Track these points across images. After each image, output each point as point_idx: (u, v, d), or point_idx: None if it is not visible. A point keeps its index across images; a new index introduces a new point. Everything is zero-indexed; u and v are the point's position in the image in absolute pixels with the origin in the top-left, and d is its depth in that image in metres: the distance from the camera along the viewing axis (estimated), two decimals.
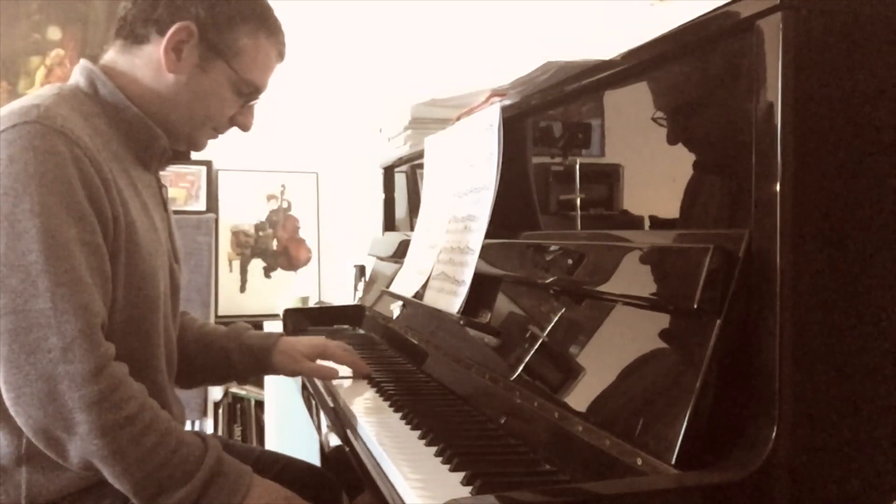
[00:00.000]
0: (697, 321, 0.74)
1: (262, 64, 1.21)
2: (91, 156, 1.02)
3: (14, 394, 0.95)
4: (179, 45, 1.14)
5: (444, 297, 1.33)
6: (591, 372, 0.88)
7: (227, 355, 1.40)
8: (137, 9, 1.15)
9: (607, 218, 1.10)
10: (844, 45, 0.72)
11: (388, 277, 1.82)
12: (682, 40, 0.86)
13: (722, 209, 0.84)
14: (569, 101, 1.19)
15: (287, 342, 1.43)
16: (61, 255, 0.96)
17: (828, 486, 0.70)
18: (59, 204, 0.97)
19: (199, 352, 1.40)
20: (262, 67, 1.22)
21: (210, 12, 1.15)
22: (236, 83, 1.19)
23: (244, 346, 1.41)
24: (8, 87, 2.90)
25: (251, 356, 1.40)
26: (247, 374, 1.44)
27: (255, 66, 1.20)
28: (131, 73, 1.16)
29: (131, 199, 1.10)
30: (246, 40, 1.18)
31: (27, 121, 0.99)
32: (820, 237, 0.71)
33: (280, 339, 1.43)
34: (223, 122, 1.24)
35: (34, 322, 0.94)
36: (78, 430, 0.95)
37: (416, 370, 1.45)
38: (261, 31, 1.19)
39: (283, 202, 3.17)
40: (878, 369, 0.72)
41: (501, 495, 0.71)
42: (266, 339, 1.42)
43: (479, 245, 1.26)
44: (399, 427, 1.10)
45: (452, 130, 1.54)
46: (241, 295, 3.10)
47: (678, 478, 0.68)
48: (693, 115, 0.91)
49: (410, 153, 2.00)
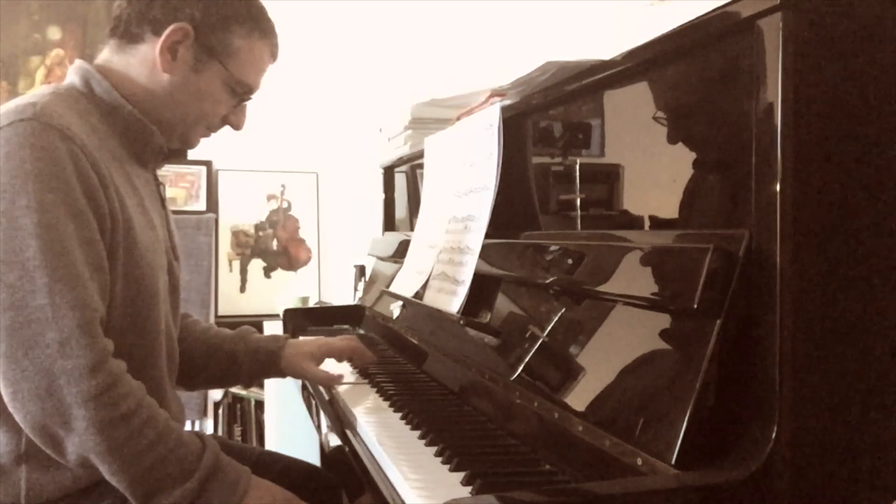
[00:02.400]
0: (697, 321, 0.74)
1: (256, 65, 1.23)
2: (88, 153, 1.03)
3: (12, 389, 0.95)
4: (175, 45, 1.15)
5: (443, 297, 1.33)
6: (591, 372, 0.88)
7: (234, 360, 1.40)
8: (133, 8, 1.16)
9: (607, 218, 1.10)
10: (844, 44, 0.72)
11: (388, 277, 1.82)
12: (682, 40, 0.86)
13: (722, 209, 0.84)
14: (569, 101, 1.19)
15: (294, 345, 1.43)
16: (59, 250, 0.96)
17: (828, 486, 0.70)
18: (56, 200, 0.98)
19: (205, 356, 1.39)
20: (256, 68, 1.23)
21: (205, 14, 1.15)
22: (230, 83, 1.20)
23: (251, 351, 1.40)
24: (8, 87, 2.90)
25: (258, 361, 1.41)
26: (253, 378, 1.44)
27: (249, 66, 1.21)
28: (126, 72, 1.17)
29: (128, 196, 1.11)
30: (240, 42, 1.19)
31: (24, 118, 0.99)
32: (820, 237, 0.71)
33: (287, 343, 1.43)
34: (216, 121, 1.25)
35: (32, 317, 0.94)
36: (75, 426, 0.95)
37: (416, 370, 1.45)
38: (255, 33, 1.21)
39: (283, 202, 3.18)
40: (878, 369, 0.72)
41: (501, 495, 0.71)
42: (273, 343, 1.42)
43: (478, 245, 1.26)
44: (399, 427, 1.10)
45: (452, 130, 1.54)
46: (241, 295, 3.10)
47: (678, 478, 0.68)
48: (693, 115, 0.91)
49: (410, 153, 2.00)
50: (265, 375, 1.44)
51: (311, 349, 1.43)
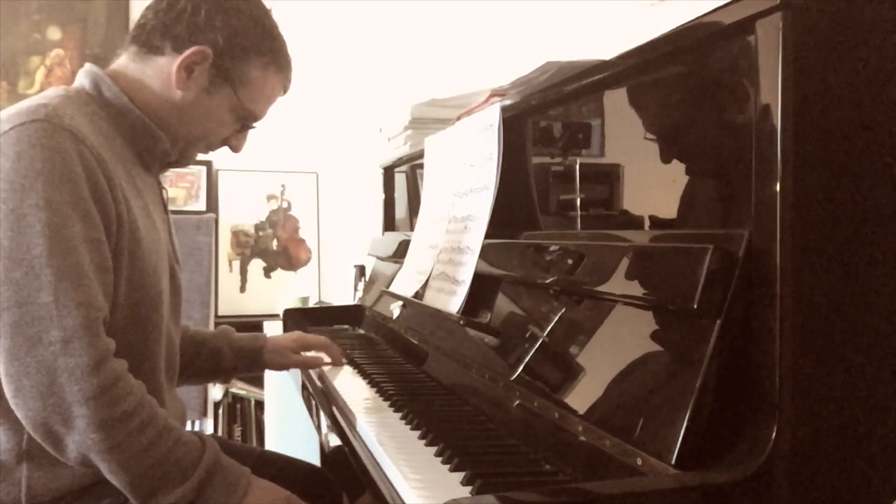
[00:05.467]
0: (697, 321, 0.74)
1: (267, 96, 1.25)
2: (97, 154, 1.04)
3: (14, 386, 0.95)
4: (192, 65, 1.16)
5: (443, 297, 1.33)
6: (591, 372, 0.88)
7: (219, 356, 1.48)
8: (158, 21, 1.17)
9: (607, 218, 1.10)
10: (844, 45, 0.72)
11: (388, 277, 1.82)
12: (682, 40, 0.86)
13: (722, 209, 0.84)
14: (569, 101, 1.19)
15: (274, 340, 1.54)
16: (65, 249, 0.97)
17: (828, 486, 0.71)
18: (64, 200, 0.98)
19: (191, 352, 1.45)
20: (266, 99, 1.26)
21: (228, 41, 1.17)
22: (238, 110, 1.23)
23: (235, 349, 1.50)
24: (8, 87, 2.90)
25: (242, 358, 1.50)
26: (235, 374, 1.54)
27: (260, 97, 1.24)
28: (140, 80, 1.18)
29: (134, 199, 1.11)
30: (256, 73, 1.21)
31: (35, 119, 1.00)
32: (820, 237, 0.71)
33: (267, 339, 1.54)
34: (217, 141, 1.27)
35: (36, 315, 0.95)
36: (76, 424, 0.95)
37: (416, 370, 1.45)
38: (271, 66, 1.23)
39: (283, 202, 3.17)
40: (878, 369, 0.72)
41: (501, 495, 0.71)
42: (255, 342, 1.52)
43: (478, 245, 1.26)
44: (399, 427, 1.10)
45: (452, 130, 1.54)
46: (241, 295, 3.10)
47: (678, 478, 0.68)
48: (693, 115, 0.91)
49: (410, 153, 2.00)
50: (247, 371, 1.55)
51: (287, 343, 1.54)
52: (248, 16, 1.19)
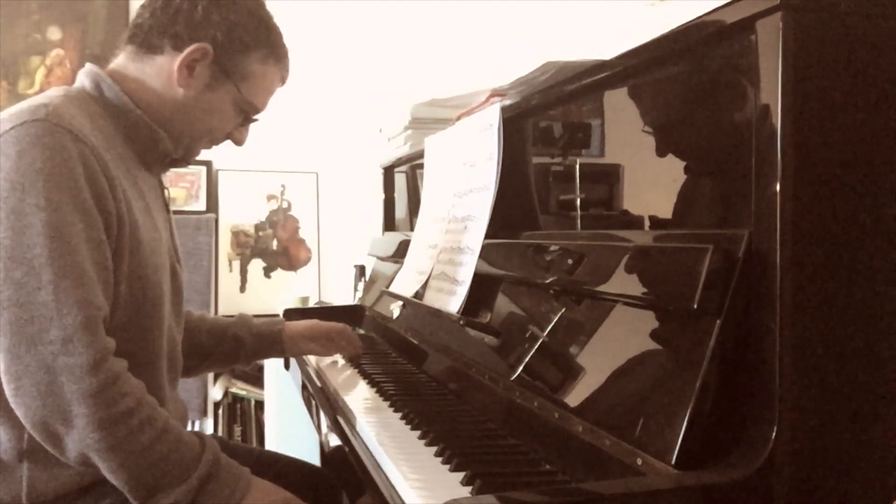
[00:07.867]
0: (697, 321, 0.74)
1: (267, 88, 1.27)
2: (98, 154, 1.04)
3: (14, 385, 0.95)
4: (193, 63, 1.17)
5: (443, 297, 1.33)
6: (591, 372, 0.88)
7: (240, 342, 1.51)
8: (155, 20, 1.17)
9: (607, 218, 1.10)
10: (844, 45, 0.72)
11: (388, 277, 1.82)
12: (682, 40, 0.86)
13: (722, 209, 0.84)
14: (569, 101, 1.19)
15: (290, 326, 1.59)
16: (65, 249, 0.97)
17: (828, 486, 0.71)
18: (64, 199, 0.99)
19: (212, 340, 1.48)
20: (266, 91, 1.27)
21: (227, 37, 1.18)
22: (240, 103, 1.23)
23: (254, 335, 1.53)
24: (8, 87, 2.90)
25: (262, 343, 1.54)
26: (255, 359, 1.58)
27: (261, 90, 1.25)
28: (141, 79, 1.18)
29: (135, 199, 1.12)
30: (256, 66, 1.22)
31: (36, 118, 1.01)
32: (820, 237, 0.71)
33: (285, 325, 1.58)
34: (220, 135, 1.28)
35: (36, 314, 0.95)
36: (76, 423, 0.95)
37: (416, 370, 1.45)
38: (270, 58, 1.24)
39: (283, 202, 3.17)
40: (877, 369, 0.72)
41: (501, 495, 0.71)
42: (273, 326, 1.57)
43: (478, 245, 1.26)
44: (399, 427, 1.10)
45: (452, 130, 1.54)
46: (241, 295, 3.09)
47: (678, 478, 0.68)
48: (693, 115, 0.91)
49: (410, 153, 2.00)
50: (267, 356, 1.60)
51: (303, 330, 1.59)
52: (244, 9, 1.20)
